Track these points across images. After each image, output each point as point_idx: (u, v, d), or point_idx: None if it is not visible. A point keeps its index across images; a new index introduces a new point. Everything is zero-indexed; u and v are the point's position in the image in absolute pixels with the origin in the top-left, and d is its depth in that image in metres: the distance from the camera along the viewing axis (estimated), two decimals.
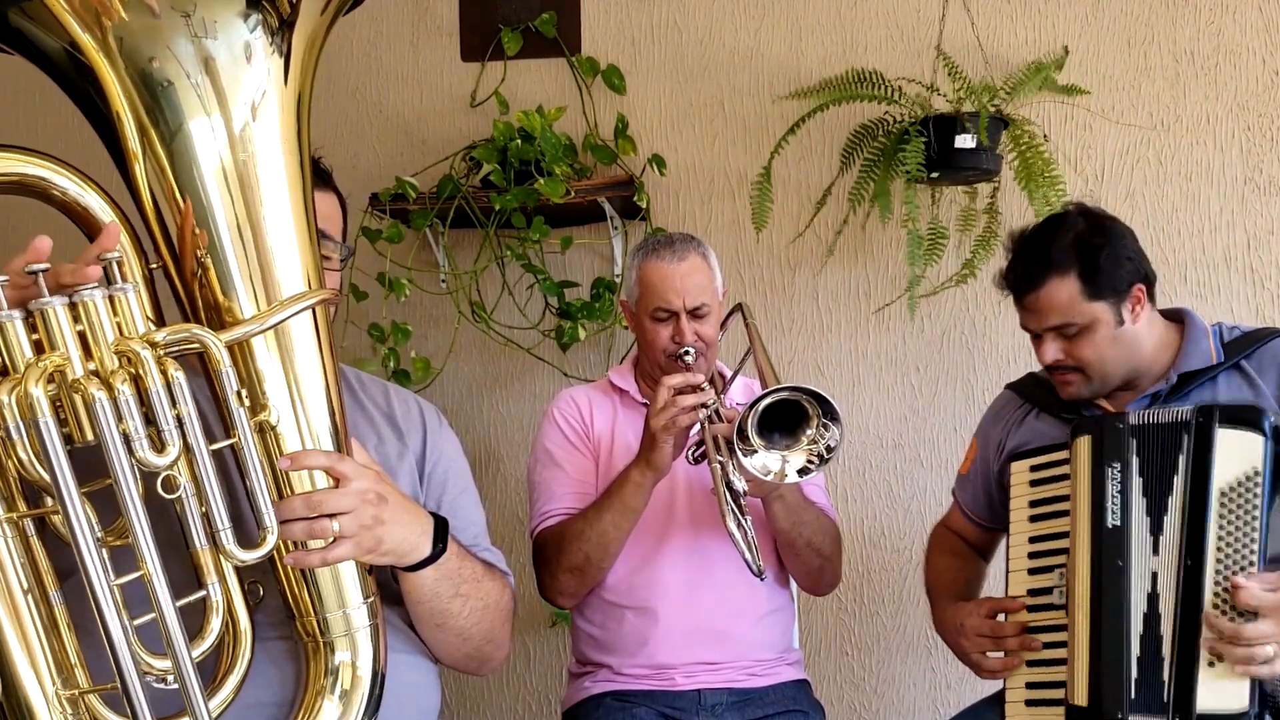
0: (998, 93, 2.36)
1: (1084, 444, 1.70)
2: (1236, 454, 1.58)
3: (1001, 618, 1.79)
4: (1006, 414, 1.96)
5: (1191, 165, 2.53)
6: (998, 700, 1.79)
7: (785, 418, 1.67)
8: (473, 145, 2.62)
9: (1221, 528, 1.57)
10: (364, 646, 1.24)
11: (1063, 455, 1.75)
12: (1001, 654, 1.77)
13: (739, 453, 1.65)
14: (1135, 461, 1.65)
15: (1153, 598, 1.61)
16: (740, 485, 1.68)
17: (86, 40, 1.08)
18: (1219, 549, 1.56)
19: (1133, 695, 1.59)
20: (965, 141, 2.29)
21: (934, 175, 2.36)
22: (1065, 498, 1.74)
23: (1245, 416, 1.59)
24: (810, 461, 1.66)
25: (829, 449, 1.65)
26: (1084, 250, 1.71)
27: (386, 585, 1.32)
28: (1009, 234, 1.85)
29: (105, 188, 1.13)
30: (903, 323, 2.62)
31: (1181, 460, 1.61)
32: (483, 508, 1.55)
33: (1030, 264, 1.75)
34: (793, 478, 1.68)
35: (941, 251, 2.42)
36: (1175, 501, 1.61)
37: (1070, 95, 2.43)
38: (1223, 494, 1.57)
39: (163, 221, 1.13)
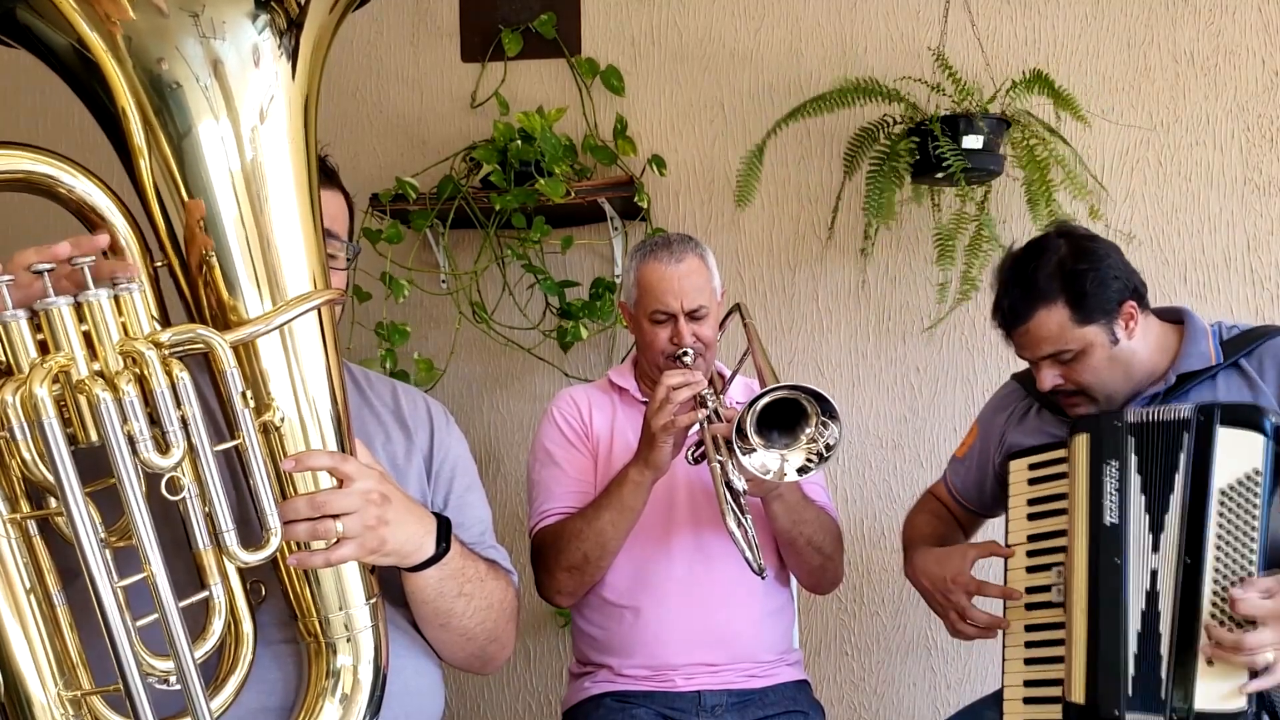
0: (1000, 94, 2.36)
1: (1082, 442, 1.71)
2: (1237, 453, 1.58)
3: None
4: (1010, 404, 1.97)
5: (1191, 165, 2.53)
6: (996, 699, 1.79)
7: (784, 417, 1.67)
8: (473, 146, 2.63)
9: (1221, 527, 1.57)
10: (366, 647, 1.24)
11: (1061, 454, 1.76)
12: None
13: (738, 452, 1.65)
14: (1134, 460, 1.65)
15: (1152, 596, 1.61)
16: (740, 484, 1.68)
17: (94, 38, 1.07)
18: (1218, 548, 1.56)
19: (1130, 693, 1.59)
20: (971, 142, 2.29)
21: (938, 175, 2.36)
22: (1063, 496, 1.74)
23: (1246, 416, 1.60)
24: (809, 460, 1.66)
25: (828, 447, 1.65)
26: (1068, 277, 1.70)
27: (393, 586, 1.32)
28: (995, 267, 1.85)
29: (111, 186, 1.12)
30: (903, 323, 2.62)
31: (1182, 459, 1.62)
32: (489, 506, 1.55)
33: (1016, 297, 1.74)
34: (792, 476, 1.67)
35: (980, 251, 2.40)
36: (1175, 500, 1.61)
37: (1063, 107, 2.42)
38: (1223, 493, 1.58)
39: (168, 220, 1.12)
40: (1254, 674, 1.52)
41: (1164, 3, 2.53)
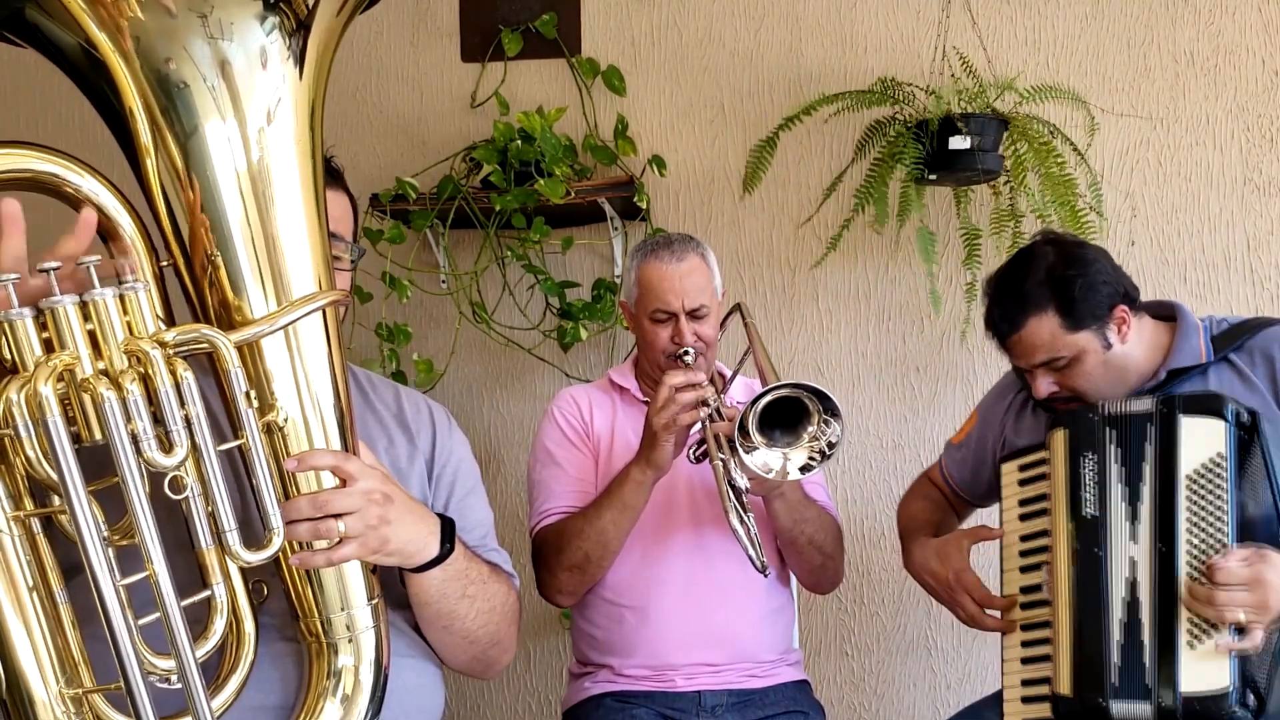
0: (1003, 93, 2.36)
1: (1060, 437, 1.73)
2: (1201, 440, 1.60)
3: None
4: (1009, 393, 1.98)
5: (1191, 166, 2.53)
6: (996, 700, 1.80)
7: (786, 415, 1.67)
8: (473, 146, 2.63)
9: (1192, 512, 1.59)
10: (367, 647, 1.23)
11: (1045, 454, 1.77)
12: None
13: (740, 450, 1.65)
14: (1112, 451, 1.67)
15: (1133, 584, 1.62)
16: (742, 483, 1.68)
17: (102, 38, 1.07)
18: (1190, 533, 1.58)
19: (1115, 682, 1.60)
20: (959, 143, 2.29)
21: (932, 176, 2.36)
22: (1049, 495, 1.75)
23: (1208, 404, 1.62)
24: (812, 458, 1.66)
25: (830, 445, 1.65)
26: (1057, 283, 1.71)
27: (392, 588, 1.32)
28: (985, 279, 1.85)
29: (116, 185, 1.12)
30: (903, 323, 2.62)
31: (1149, 449, 1.64)
32: (490, 508, 1.55)
33: (1007, 306, 1.75)
34: (795, 475, 1.68)
35: (979, 252, 2.41)
36: (1147, 490, 1.63)
37: (1059, 97, 2.42)
38: (1190, 479, 1.60)
39: (174, 219, 1.12)
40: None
41: (1164, 3, 2.53)
